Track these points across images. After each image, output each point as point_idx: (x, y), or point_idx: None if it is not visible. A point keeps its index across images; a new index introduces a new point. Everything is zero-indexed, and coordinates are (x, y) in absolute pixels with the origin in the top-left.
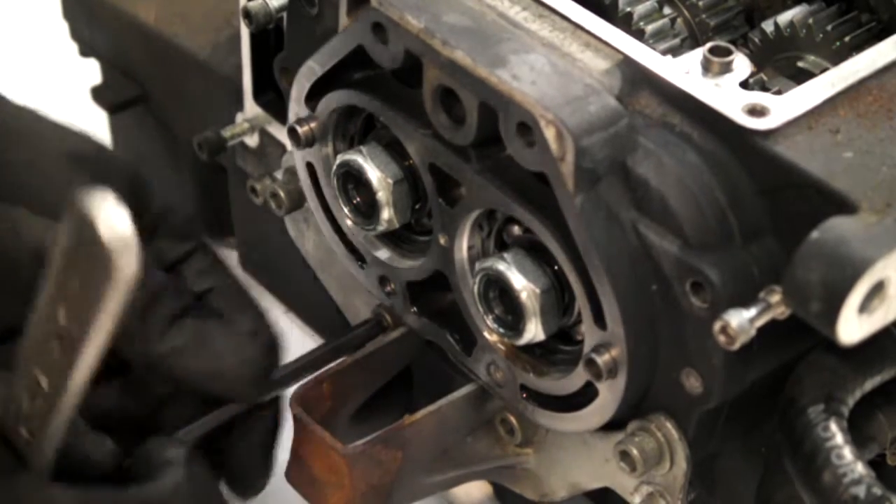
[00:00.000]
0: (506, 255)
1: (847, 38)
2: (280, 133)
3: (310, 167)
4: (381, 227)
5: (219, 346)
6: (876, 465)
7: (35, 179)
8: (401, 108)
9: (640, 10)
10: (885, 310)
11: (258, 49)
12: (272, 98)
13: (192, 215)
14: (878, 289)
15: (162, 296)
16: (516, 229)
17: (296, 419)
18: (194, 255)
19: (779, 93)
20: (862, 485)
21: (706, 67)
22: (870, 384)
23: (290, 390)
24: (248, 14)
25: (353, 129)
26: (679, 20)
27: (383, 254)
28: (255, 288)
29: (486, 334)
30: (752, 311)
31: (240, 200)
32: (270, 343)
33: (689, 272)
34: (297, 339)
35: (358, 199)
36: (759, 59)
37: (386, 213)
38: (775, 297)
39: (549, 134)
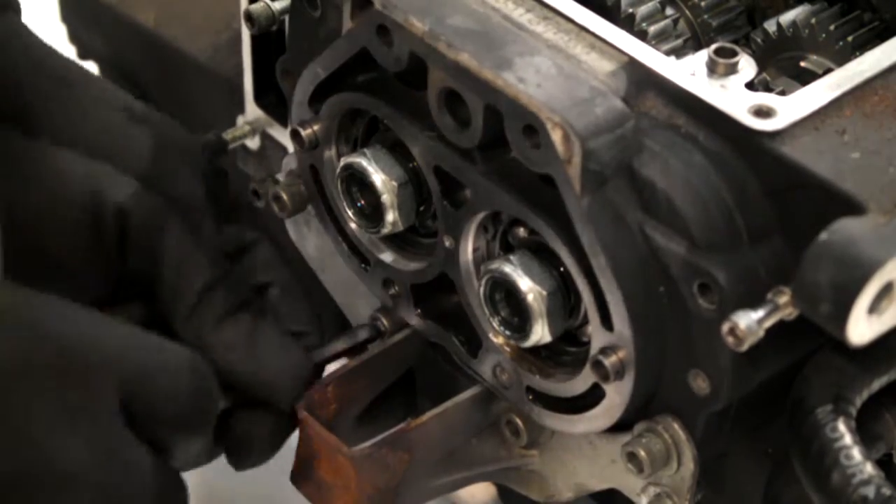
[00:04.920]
0: (512, 257)
1: (850, 38)
2: (281, 135)
3: (313, 170)
4: (386, 230)
5: (265, 350)
6: (883, 464)
7: (90, 126)
8: (405, 111)
9: (642, 11)
10: (894, 310)
11: (259, 51)
12: (273, 100)
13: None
14: (887, 289)
15: (221, 286)
16: (522, 231)
17: (301, 422)
18: (258, 245)
19: (783, 93)
20: (871, 485)
21: (711, 69)
22: (877, 384)
23: None
24: (249, 17)
25: (357, 131)
26: (681, 21)
27: (387, 256)
28: None
29: (491, 336)
30: (761, 313)
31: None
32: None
33: (697, 273)
34: None
35: (362, 201)
36: (762, 59)
37: (390, 216)
38: (783, 298)
39: (556, 136)
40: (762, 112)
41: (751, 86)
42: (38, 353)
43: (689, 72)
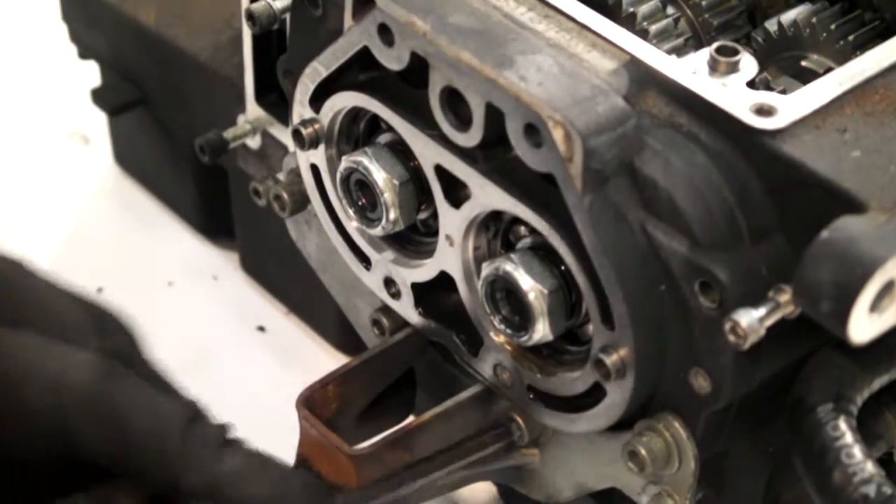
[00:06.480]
0: (513, 255)
1: (851, 37)
2: (282, 135)
3: (314, 169)
4: (387, 229)
5: (280, 470)
6: (883, 463)
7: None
8: (406, 110)
9: (643, 9)
10: (895, 308)
11: (260, 50)
12: (274, 99)
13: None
14: (888, 288)
15: (204, 417)
16: (523, 230)
17: (302, 421)
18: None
19: (784, 92)
20: (872, 484)
21: (713, 67)
22: (878, 383)
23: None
24: (251, 16)
25: (358, 130)
26: (682, 20)
27: (388, 255)
28: (256, 289)
29: (492, 335)
30: (762, 311)
31: (241, 202)
32: None
33: (698, 272)
34: (298, 342)
35: (363, 200)
36: (763, 59)
37: (391, 215)
38: (784, 297)
39: (557, 135)
40: (763, 111)
41: (752, 84)
42: None
43: (690, 70)
